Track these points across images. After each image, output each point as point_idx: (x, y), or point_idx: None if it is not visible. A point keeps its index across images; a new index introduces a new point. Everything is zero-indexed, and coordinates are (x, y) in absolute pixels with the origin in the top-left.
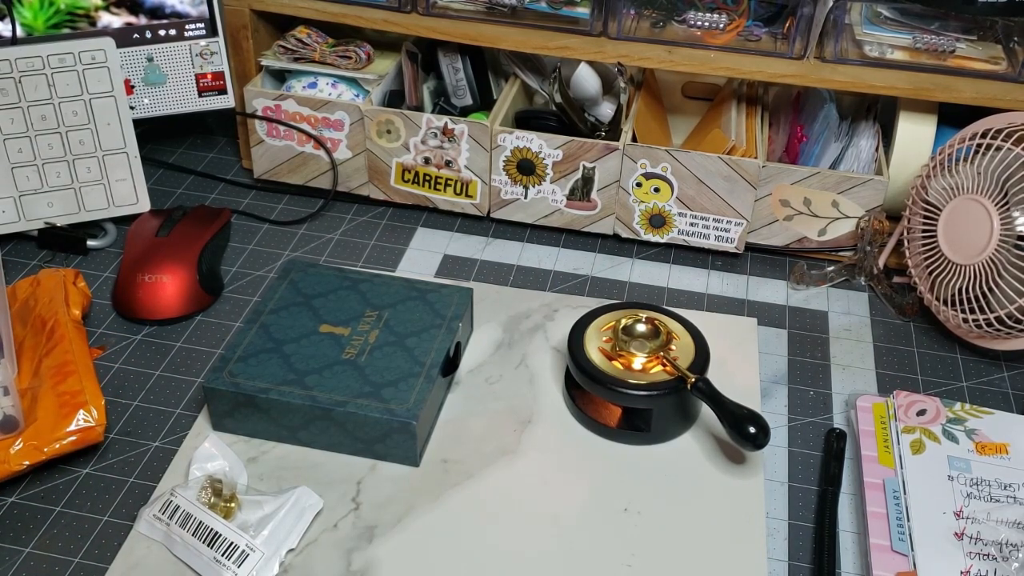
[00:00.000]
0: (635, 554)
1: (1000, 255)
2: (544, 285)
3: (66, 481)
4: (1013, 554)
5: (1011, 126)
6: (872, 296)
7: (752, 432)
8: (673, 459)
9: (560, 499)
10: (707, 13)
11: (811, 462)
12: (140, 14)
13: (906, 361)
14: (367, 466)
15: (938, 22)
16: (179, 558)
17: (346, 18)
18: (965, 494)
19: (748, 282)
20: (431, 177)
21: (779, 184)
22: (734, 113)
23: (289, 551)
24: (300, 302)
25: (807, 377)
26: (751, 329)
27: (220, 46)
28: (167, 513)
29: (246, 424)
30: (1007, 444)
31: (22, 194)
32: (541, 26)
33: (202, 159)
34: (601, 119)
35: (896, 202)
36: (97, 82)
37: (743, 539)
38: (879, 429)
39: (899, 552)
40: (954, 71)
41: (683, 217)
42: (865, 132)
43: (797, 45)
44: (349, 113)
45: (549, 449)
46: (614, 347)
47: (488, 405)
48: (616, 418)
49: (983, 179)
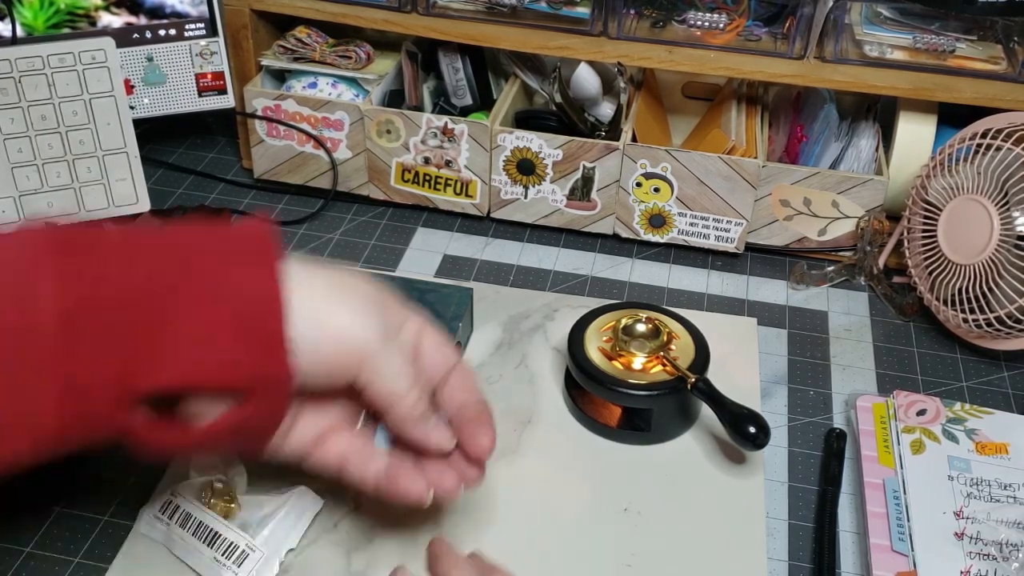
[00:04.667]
0: (635, 554)
1: (1000, 255)
2: (544, 285)
3: (66, 481)
4: (1013, 554)
5: (1011, 126)
6: (872, 296)
7: (752, 432)
8: (673, 459)
9: (560, 499)
10: (707, 13)
11: (811, 462)
12: (140, 14)
13: (906, 361)
14: None
15: (938, 22)
16: (179, 558)
17: (346, 18)
18: (965, 494)
19: (748, 282)
20: (431, 177)
21: (779, 184)
22: (734, 113)
23: (289, 551)
24: None
25: (807, 377)
26: (751, 329)
27: (220, 46)
28: (167, 513)
29: None
30: (1007, 444)
31: (22, 194)
32: (541, 26)
33: (202, 159)
34: (601, 119)
35: (896, 202)
36: (97, 82)
37: (743, 539)
38: (879, 429)
39: (899, 552)
40: (954, 71)
41: (683, 217)
42: (865, 132)
43: (797, 45)
44: (349, 113)
45: (549, 449)
46: (614, 347)
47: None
48: (616, 418)
49: (983, 179)
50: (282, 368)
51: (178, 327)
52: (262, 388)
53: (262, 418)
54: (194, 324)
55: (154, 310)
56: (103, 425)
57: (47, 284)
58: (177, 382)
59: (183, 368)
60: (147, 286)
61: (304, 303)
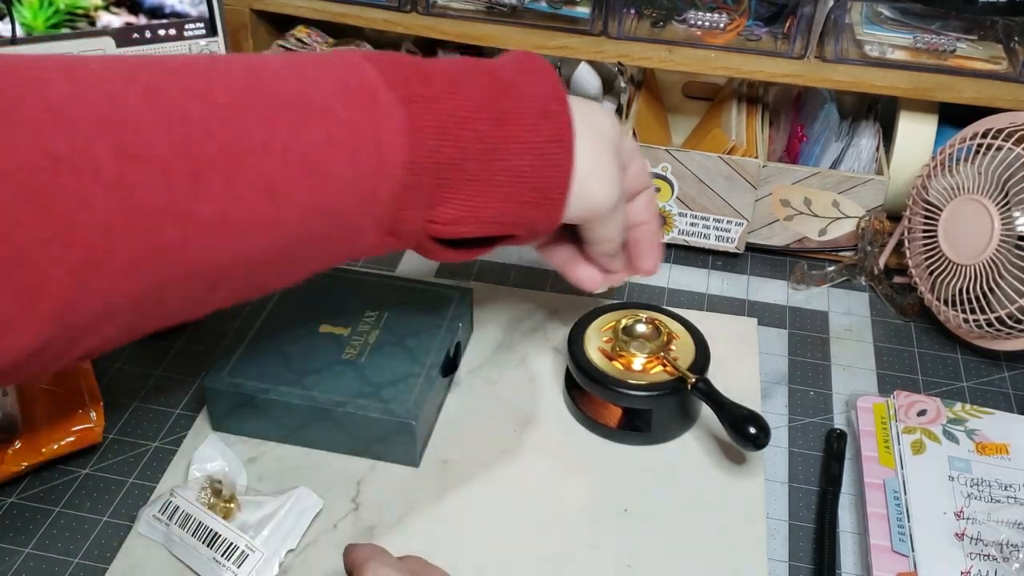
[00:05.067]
0: (635, 554)
1: (1001, 255)
2: (544, 285)
3: (65, 481)
4: (1014, 555)
5: (1012, 126)
6: (873, 296)
7: (752, 432)
8: (673, 459)
9: (560, 499)
10: (707, 13)
11: (811, 462)
12: (140, 14)
13: (907, 361)
14: (367, 466)
15: (939, 22)
16: (179, 558)
17: (346, 18)
18: (966, 494)
19: (748, 282)
20: None
21: (779, 184)
22: (734, 113)
23: (289, 551)
24: (300, 302)
25: (807, 377)
26: (751, 329)
27: (220, 46)
28: (167, 513)
29: (246, 424)
30: (1008, 444)
31: None
32: (541, 26)
33: None
34: None
35: (897, 202)
36: None
37: (743, 539)
38: (879, 429)
39: (899, 553)
40: (955, 71)
41: (683, 217)
42: (866, 132)
43: (797, 45)
44: None
45: (549, 449)
46: (614, 347)
47: (488, 405)
48: (616, 418)
49: (984, 179)
50: (552, 224)
51: (487, 191)
52: (531, 234)
53: (523, 243)
54: (499, 191)
55: (472, 173)
56: (405, 246)
57: (398, 137)
58: (471, 234)
59: (478, 227)
60: (471, 148)
61: (577, 175)
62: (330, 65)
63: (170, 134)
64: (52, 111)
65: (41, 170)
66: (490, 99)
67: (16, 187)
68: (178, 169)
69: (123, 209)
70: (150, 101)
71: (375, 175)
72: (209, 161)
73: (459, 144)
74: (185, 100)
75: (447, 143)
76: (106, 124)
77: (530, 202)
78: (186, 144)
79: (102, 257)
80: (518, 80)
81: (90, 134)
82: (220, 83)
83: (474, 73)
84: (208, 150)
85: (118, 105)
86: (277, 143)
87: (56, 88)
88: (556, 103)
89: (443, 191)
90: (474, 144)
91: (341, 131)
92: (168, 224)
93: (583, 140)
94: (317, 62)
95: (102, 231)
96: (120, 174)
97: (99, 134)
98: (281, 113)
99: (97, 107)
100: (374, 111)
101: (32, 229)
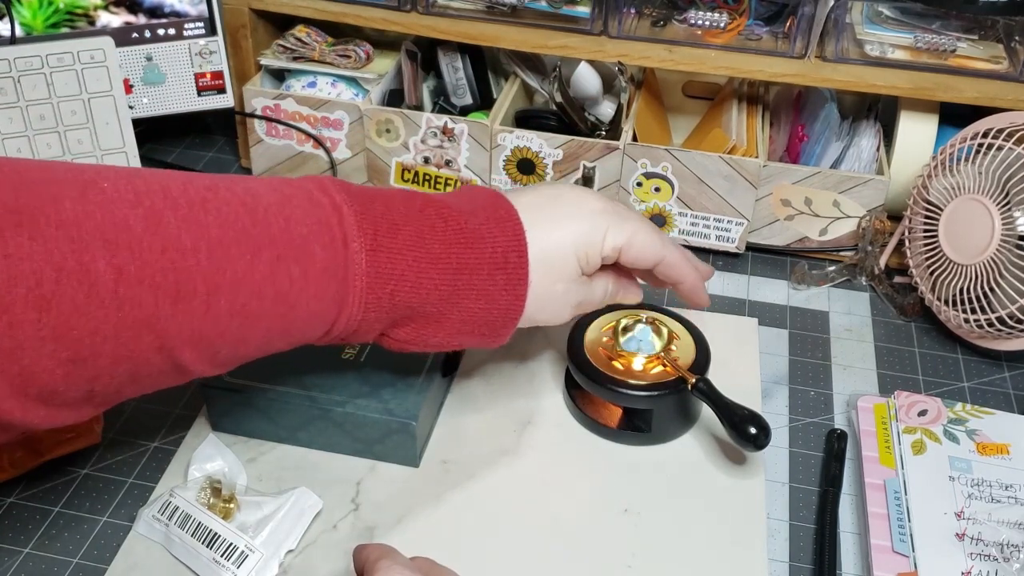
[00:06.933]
0: (635, 554)
1: (1001, 255)
2: None
3: (65, 481)
4: (1014, 555)
5: (1012, 126)
6: (873, 296)
7: (753, 433)
8: (673, 459)
9: (560, 499)
10: (708, 12)
11: (812, 463)
12: (139, 13)
13: (907, 361)
14: (367, 467)
15: (939, 21)
16: (178, 559)
17: (346, 17)
18: (966, 495)
19: (749, 282)
20: (431, 176)
21: (780, 184)
22: (735, 112)
23: (288, 552)
24: None
25: (808, 377)
26: (752, 329)
27: (219, 45)
28: (166, 514)
29: (245, 424)
30: (1008, 444)
31: None
32: (541, 25)
33: (201, 158)
34: (601, 118)
35: (897, 202)
36: (96, 81)
37: (744, 540)
38: (880, 429)
39: (900, 553)
40: (955, 70)
41: (684, 217)
42: (866, 131)
43: (798, 44)
44: (348, 112)
45: (549, 450)
46: (614, 347)
47: (488, 405)
48: (616, 418)
49: (984, 179)
50: (498, 345)
51: (440, 328)
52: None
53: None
54: (451, 327)
55: (426, 314)
56: (365, 339)
57: (360, 280)
58: (420, 351)
59: (427, 348)
60: (430, 296)
61: (527, 311)
62: (317, 204)
63: (163, 259)
64: (64, 227)
65: (48, 280)
66: (452, 251)
67: (25, 292)
68: (165, 291)
69: (113, 320)
70: (150, 227)
71: (336, 308)
72: (192, 288)
73: (418, 292)
74: (180, 230)
75: (405, 290)
76: (109, 245)
77: (478, 334)
78: (175, 270)
79: (88, 356)
80: (484, 230)
81: (95, 253)
82: (214, 216)
83: (441, 225)
84: (193, 277)
85: (122, 229)
86: (256, 276)
87: (69, 207)
88: (515, 255)
89: (396, 325)
90: (432, 293)
91: (315, 270)
92: (148, 335)
93: (539, 277)
94: (304, 203)
95: (91, 336)
96: (115, 291)
97: (102, 254)
98: (265, 250)
99: (104, 229)
100: (345, 255)
101: (33, 329)
